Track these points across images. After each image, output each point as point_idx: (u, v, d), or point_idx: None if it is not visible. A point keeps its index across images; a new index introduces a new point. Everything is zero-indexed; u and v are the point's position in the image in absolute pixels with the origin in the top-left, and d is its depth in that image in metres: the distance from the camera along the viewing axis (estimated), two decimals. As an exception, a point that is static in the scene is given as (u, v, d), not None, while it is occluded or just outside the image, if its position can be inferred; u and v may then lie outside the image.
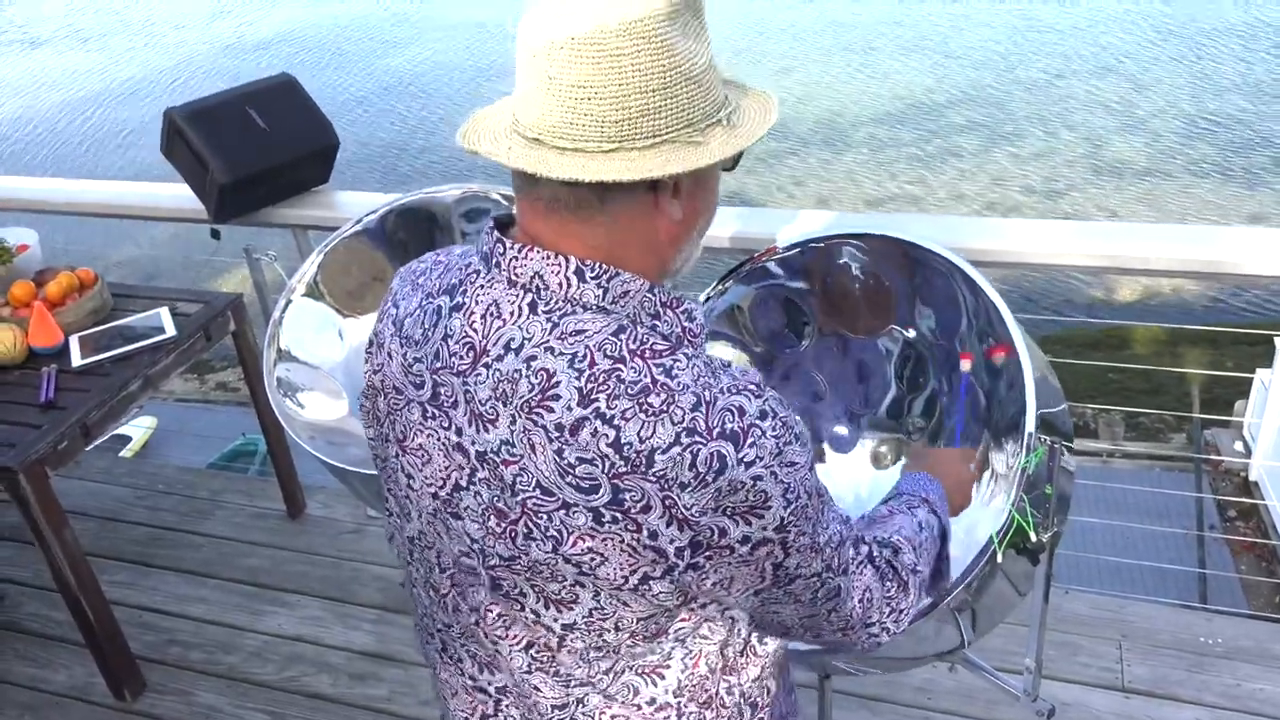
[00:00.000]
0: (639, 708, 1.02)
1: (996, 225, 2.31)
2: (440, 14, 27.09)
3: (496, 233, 0.94)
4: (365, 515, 3.20)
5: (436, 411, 0.97)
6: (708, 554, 0.88)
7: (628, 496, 0.85)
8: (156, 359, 2.59)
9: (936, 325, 1.66)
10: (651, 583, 0.90)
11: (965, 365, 1.56)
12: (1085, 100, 18.59)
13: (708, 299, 1.75)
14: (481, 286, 0.94)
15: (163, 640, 2.82)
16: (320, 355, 2.25)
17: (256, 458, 9.69)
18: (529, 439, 0.88)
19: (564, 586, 0.92)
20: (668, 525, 0.86)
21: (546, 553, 0.90)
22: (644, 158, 0.87)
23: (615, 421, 0.85)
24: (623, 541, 0.87)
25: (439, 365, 0.96)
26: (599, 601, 0.92)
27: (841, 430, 1.79)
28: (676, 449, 0.84)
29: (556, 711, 1.03)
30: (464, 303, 0.95)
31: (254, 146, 2.64)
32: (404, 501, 1.05)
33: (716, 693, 1.05)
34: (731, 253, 2.24)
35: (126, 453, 9.86)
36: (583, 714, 1.02)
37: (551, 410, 0.87)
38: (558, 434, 0.87)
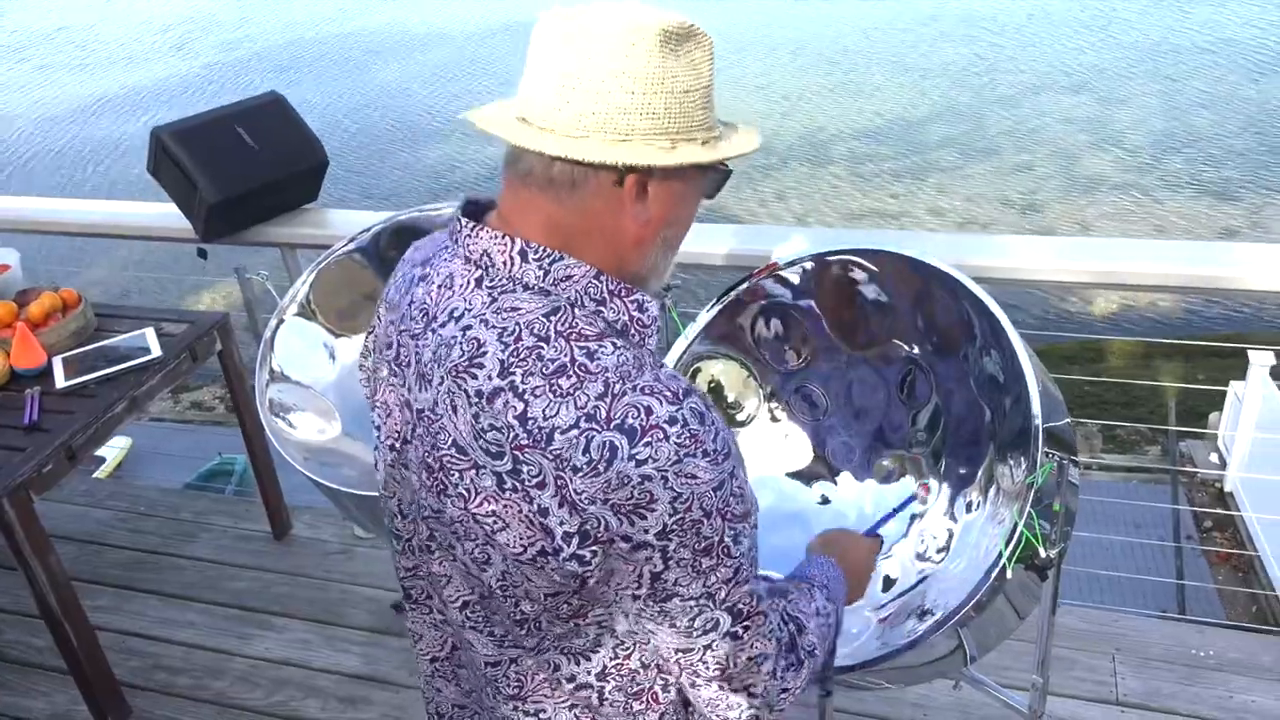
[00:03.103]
0: (559, 683, 1.06)
1: (997, 242, 2.34)
2: (426, 26, 27.11)
3: (459, 212, 1.02)
4: (353, 535, 3.17)
5: (397, 370, 1.04)
6: (593, 547, 0.91)
7: (525, 469, 0.90)
8: (142, 380, 2.55)
9: (939, 340, 1.66)
10: (548, 558, 0.93)
11: (921, 493, 1.62)
12: (1060, 116, 18.82)
13: (709, 316, 1.74)
14: (444, 260, 1.02)
15: (148, 665, 2.77)
16: (312, 375, 2.23)
17: (233, 477, 9.58)
18: (452, 400, 0.95)
19: (477, 545, 0.97)
20: (559, 506, 0.90)
21: (459, 510, 0.96)
22: (609, 149, 0.92)
23: (525, 396, 0.90)
24: (520, 511, 0.91)
25: (402, 328, 1.04)
26: (507, 566, 0.96)
27: (845, 445, 1.79)
28: (574, 431, 0.88)
29: (490, 668, 1.09)
30: (429, 273, 1.03)
31: (242, 165, 2.62)
32: (376, 452, 1.13)
33: (650, 687, 1.06)
34: (728, 270, 2.24)
35: (100, 473, 9.70)
36: (515, 673, 1.07)
37: (474, 377, 0.93)
38: (476, 399, 0.93)
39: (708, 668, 0.99)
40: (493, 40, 25.26)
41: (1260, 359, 7.07)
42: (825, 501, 1.78)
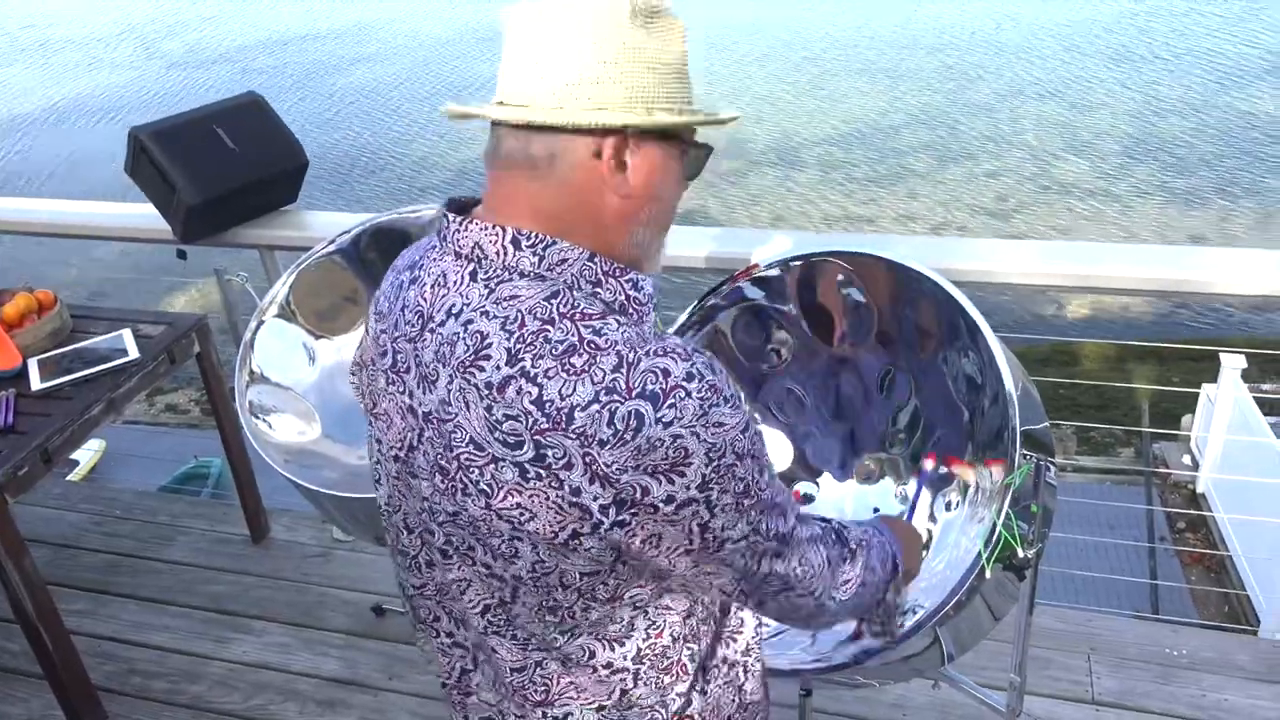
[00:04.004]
0: (594, 670, 1.05)
1: (972, 245, 2.36)
2: (399, 30, 27.01)
3: (444, 210, 1.02)
4: (331, 539, 3.15)
5: (395, 377, 1.03)
6: (632, 511, 0.90)
7: (549, 453, 0.89)
8: (119, 382, 2.53)
9: (917, 341, 1.68)
10: (582, 539, 0.92)
11: (928, 464, 1.62)
12: (1033, 122, 19.00)
13: (689, 319, 1.75)
14: (433, 260, 1.01)
15: (123, 670, 2.75)
16: (292, 377, 2.22)
17: (209, 480, 9.51)
18: (463, 397, 0.93)
19: (503, 541, 0.96)
20: (590, 483, 0.89)
21: (481, 508, 0.94)
22: (584, 114, 0.93)
23: (539, 380, 0.89)
24: (548, 498, 0.90)
25: (397, 334, 1.03)
26: (539, 555, 0.95)
27: (825, 445, 1.80)
28: (595, 406, 0.88)
29: (515, 674, 1.07)
30: (419, 275, 1.02)
31: (221, 166, 2.61)
32: (377, 468, 1.11)
33: (678, 659, 1.08)
34: (708, 273, 2.25)
35: (74, 476, 9.58)
36: (541, 677, 1.07)
37: (483, 369, 0.92)
38: (487, 391, 0.91)
39: (771, 587, 1.03)
40: (462, 45, 25.22)
41: (1232, 361, 7.16)
42: (806, 501, 1.79)
